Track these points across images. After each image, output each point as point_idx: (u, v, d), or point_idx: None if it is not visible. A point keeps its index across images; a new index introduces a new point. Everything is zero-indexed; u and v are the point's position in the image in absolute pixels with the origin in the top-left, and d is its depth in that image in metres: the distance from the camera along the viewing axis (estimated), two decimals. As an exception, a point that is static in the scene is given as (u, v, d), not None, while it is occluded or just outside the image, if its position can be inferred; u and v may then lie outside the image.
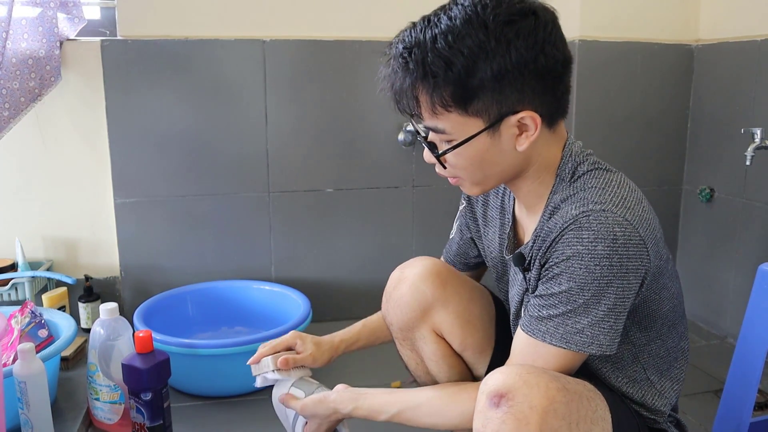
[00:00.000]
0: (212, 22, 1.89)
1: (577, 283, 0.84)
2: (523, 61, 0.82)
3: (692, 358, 1.86)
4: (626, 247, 0.82)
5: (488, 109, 0.84)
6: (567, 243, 0.84)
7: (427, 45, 0.83)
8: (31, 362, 1.27)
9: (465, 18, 0.82)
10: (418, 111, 0.88)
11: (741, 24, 1.90)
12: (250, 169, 1.99)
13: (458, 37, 0.81)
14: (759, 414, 1.47)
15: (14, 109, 1.74)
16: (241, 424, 1.52)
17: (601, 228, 0.82)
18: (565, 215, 0.86)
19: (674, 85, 2.08)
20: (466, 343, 1.14)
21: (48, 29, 1.75)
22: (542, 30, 0.83)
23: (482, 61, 0.81)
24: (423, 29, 0.84)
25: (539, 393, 0.79)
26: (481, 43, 0.81)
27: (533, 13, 0.84)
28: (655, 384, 0.98)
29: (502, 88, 0.83)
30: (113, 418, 1.43)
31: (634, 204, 0.86)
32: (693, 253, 2.14)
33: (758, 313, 1.16)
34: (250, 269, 2.04)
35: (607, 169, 0.92)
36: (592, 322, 0.84)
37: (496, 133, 0.87)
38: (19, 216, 1.91)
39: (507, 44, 0.81)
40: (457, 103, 0.84)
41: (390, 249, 2.12)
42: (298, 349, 1.23)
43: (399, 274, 1.16)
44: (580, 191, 0.88)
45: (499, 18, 0.81)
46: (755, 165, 1.72)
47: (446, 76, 0.82)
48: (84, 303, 1.89)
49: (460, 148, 0.88)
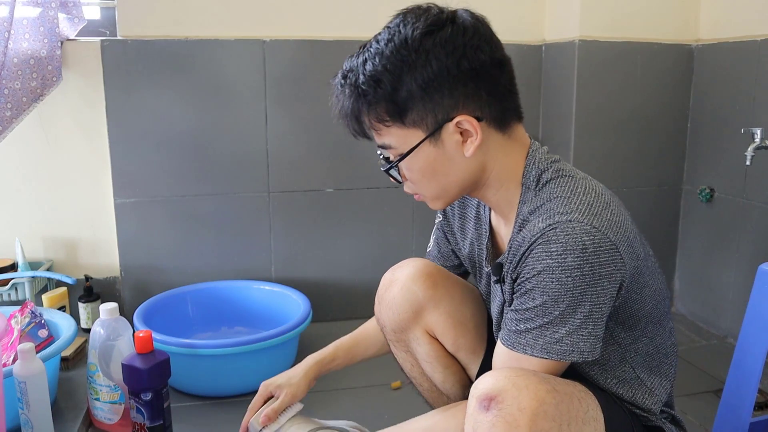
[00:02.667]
0: (212, 22, 1.89)
1: (550, 297, 0.84)
2: (445, 67, 0.85)
3: (692, 358, 1.86)
4: (597, 254, 0.82)
5: (424, 119, 0.87)
6: (536, 257, 0.84)
7: (359, 69, 0.88)
8: (31, 362, 1.27)
9: (388, 38, 0.87)
10: (365, 131, 0.92)
11: (741, 24, 1.90)
12: (250, 169, 1.99)
13: (383, 56, 0.86)
14: (759, 414, 1.47)
15: (16, 109, 1.74)
16: (240, 424, 1.51)
17: (569, 239, 0.82)
18: (532, 229, 0.86)
19: (674, 85, 2.08)
20: (458, 343, 1.14)
21: (49, 29, 1.75)
22: (461, 36, 0.85)
23: (406, 74, 0.85)
24: (357, 56, 0.90)
25: (528, 395, 0.79)
26: (403, 58, 0.85)
27: (451, 21, 0.87)
28: (645, 382, 0.97)
29: (431, 97, 0.86)
30: (113, 418, 1.43)
31: (601, 209, 0.86)
32: (693, 253, 2.14)
33: (758, 313, 1.16)
34: (250, 269, 2.04)
35: (572, 176, 0.91)
36: (570, 330, 0.84)
37: (438, 141, 0.89)
38: (19, 216, 1.91)
39: (426, 54, 0.85)
40: (393, 117, 0.88)
41: (390, 249, 2.12)
42: (276, 395, 1.22)
43: (390, 276, 1.17)
44: (546, 202, 0.88)
45: (417, 31, 0.85)
46: (755, 165, 1.72)
47: (376, 94, 0.87)
48: (84, 303, 1.89)
49: (407, 160, 0.91)
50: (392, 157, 0.93)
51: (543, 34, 2.13)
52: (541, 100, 2.17)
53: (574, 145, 2.03)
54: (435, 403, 1.23)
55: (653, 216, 2.16)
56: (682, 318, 2.17)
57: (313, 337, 1.95)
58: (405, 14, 0.89)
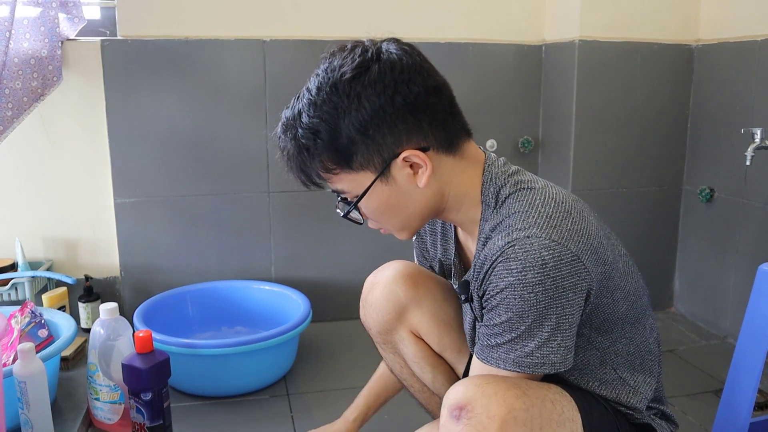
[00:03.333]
0: (212, 22, 1.89)
1: (515, 313, 0.83)
2: (379, 107, 0.84)
3: (692, 358, 1.86)
4: (558, 268, 0.81)
5: (370, 160, 0.86)
6: (498, 275, 0.84)
7: (296, 121, 0.88)
8: (31, 362, 1.27)
9: (318, 86, 0.86)
10: (315, 181, 0.91)
11: (741, 24, 1.90)
12: (250, 169, 1.99)
13: (316, 106, 0.85)
14: (759, 414, 1.47)
15: (17, 109, 1.74)
16: (241, 424, 1.52)
17: (528, 256, 0.81)
18: (493, 247, 0.85)
19: (674, 85, 2.08)
20: (443, 342, 1.15)
21: (50, 29, 1.75)
22: (389, 73, 0.84)
23: (342, 120, 0.84)
24: (293, 107, 0.89)
25: (497, 402, 0.80)
26: (335, 105, 0.84)
27: (377, 60, 0.85)
28: (628, 381, 0.97)
29: (373, 138, 0.85)
30: (113, 418, 1.43)
31: (560, 220, 0.85)
32: (693, 253, 2.14)
33: (758, 313, 1.16)
34: (250, 269, 2.04)
35: (530, 188, 0.90)
36: (539, 344, 0.84)
37: (389, 178, 0.88)
38: (19, 216, 1.91)
39: (357, 98, 0.83)
40: (339, 164, 0.87)
41: (390, 249, 2.12)
42: None
43: (372, 279, 1.19)
44: (505, 218, 0.87)
45: (345, 76, 0.84)
46: (755, 165, 1.71)
47: (317, 145, 0.86)
48: (84, 303, 1.89)
49: (363, 201, 0.90)
50: (349, 199, 0.92)
51: (543, 34, 2.13)
52: (541, 100, 2.17)
53: (574, 145, 2.03)
54: (428, 404, 1.24)
55: (653, 216, 2.16)
56: (682, 318, 2.17)
57: (313, 337, 1.95)
58: (330, 58, 0.88)
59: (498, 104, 2.13)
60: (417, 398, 1.25)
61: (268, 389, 1.67)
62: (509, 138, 2.16)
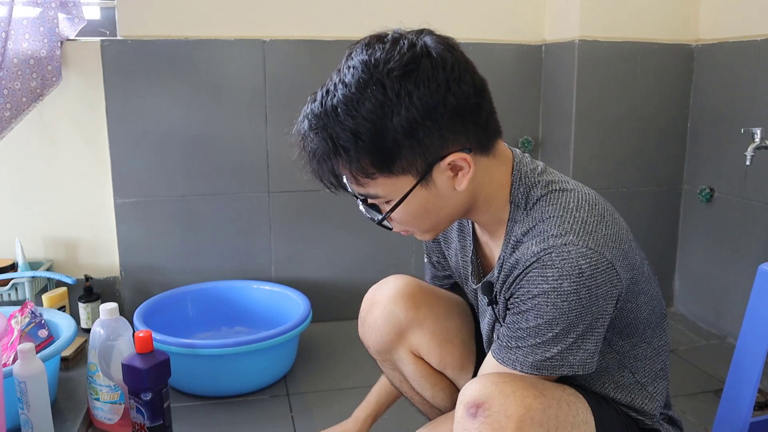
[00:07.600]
0: (212, 22, 1.89)
1: (545, 320, 0.82)
2: (430, 108, 0.77)
3: (692, 358, 1.86)
4: (594, 277, 0.80)
5: (413, 164, 0.80)
6: (532, 281, 0.82)
7: (330, 119, 0.79)
8: (31, 362, 1.27)
9: (359, 81, 0.77)
10: (343, 185, 0.85)
11: (741, 24, 1.90)
12: (250, 169, 1.99)
13: (357, 103, 0.77)
14: (759, 414, 1.47)
15: (16, 109, 1.74)
16: (241, 424, 1.52)
17: (565, 264, 0.79)
18: (526, 252, 0.83)
19: (674, 85, 2.08)
20: (445, 362, 1.13)
21: (49, 29, 1.75)
22: (442, 70, 0.78)
23: (389, 121, 0.77)
24: (323, 101, 0.81)
25: (515, 401, 0.79)
26: (381, 104, 0.76)
27: (427, 55, 0.78)
28: (646, 387, 0.96)
29: (419, 141, 0.78)
30: (113, 418, 1.43)
31: (595, 224, 0.83)
32: (693, 253, 2.14)
33: (758, 313, 1.16)
34: (250, 269, 2.04)
35: (562, 189, 0.87)
36: (562, 349, 0.83)
37: (430, 183, 0.82)
38: (19, 216, 1.91)
39: (409, 97, 0.76)
40: (379, 168, 0.80)
41: (390, 249, 2.12)
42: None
43: (371, 297, 1.15)
44: (539, 222, 0.84)
45: (393, 73, 0.76)
46: (755, 165, 1.71)
47: (358, 147, 0.78)
48: (84, 303, 1.89)
49: (399, 207, 0.84)
50: (379, 203, 0.86)
51: (543, 34, 2.13)
52: (541, 100, 2.17)
53: (574, 144, 2.03)
54: (429, 414, 1.23)
55: (653, 216, 2.16)
56: (682, 318, 2.17)
57: (313, 337, 1.95)
58: (368, 50, 0.79)
59: (498, 104, 2.10)
60: (417, 407, 1.25)
61: (268, 389, 1.67)
62: (509, 138, 2.13)
